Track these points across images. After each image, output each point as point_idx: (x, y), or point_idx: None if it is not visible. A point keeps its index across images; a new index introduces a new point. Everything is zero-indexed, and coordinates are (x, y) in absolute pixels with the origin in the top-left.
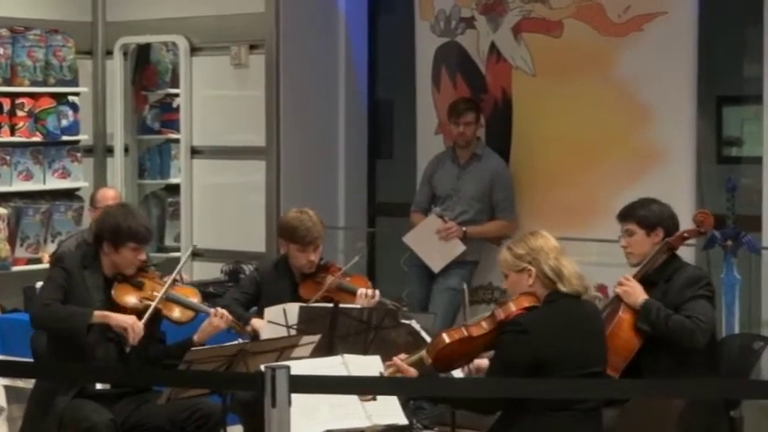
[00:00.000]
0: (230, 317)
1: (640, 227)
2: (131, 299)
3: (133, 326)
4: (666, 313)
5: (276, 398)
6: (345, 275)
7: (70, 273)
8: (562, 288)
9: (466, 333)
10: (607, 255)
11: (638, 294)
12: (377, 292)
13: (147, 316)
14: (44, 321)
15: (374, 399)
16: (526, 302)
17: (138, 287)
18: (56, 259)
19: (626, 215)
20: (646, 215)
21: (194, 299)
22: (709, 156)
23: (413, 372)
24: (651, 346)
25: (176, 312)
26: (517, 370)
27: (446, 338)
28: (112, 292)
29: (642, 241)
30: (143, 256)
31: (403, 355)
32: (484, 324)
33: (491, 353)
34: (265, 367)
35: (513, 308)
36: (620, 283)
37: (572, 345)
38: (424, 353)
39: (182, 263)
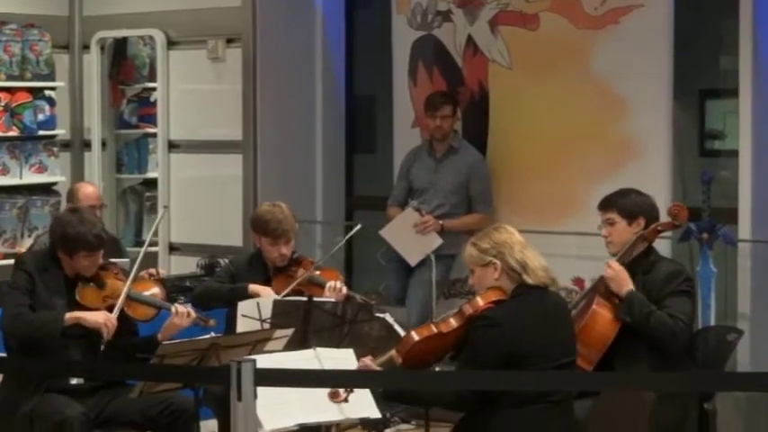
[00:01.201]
0: (193, 314)
1: (622, 216)
2: (95, 300)
3: (106, 322)
4: (649, 309)
5: (242, 391)
6: (317, 268)
7: (32, 275)
8: (528, 280)
9: (435, 330)
10: (584, 248)
11: (625, 283)
12: (344, 286)
13: (114, 314)
14: (17, 332)
15: (346, 401)
16: (493, 296)
17: (101, 287)
18: (17, 262)
19: (607, 204)
20: (627, 204)
21: (157, 295)
22: (686, 148)
23: None
24: (625, 339)
25: (139, 311)
26: (490, 364)
27: (415, 337)
28: (76, 293)
29: (623, 230)
30: (99, 261)
31: (372, 357)
32: (453, 320)
33: None
34: (231, 361)
35: (480, 302)
36: (609, 266)
37: (543, 336)
38: (393, 352)
39: (141, 255)
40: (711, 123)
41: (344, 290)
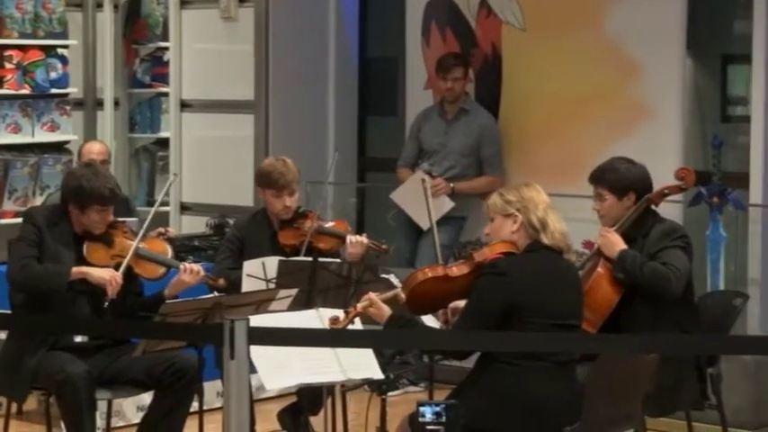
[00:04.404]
0: (202, 272)
1: (611, 192)
2: (103, 256)
3: (111, 280)
4: (641, 260)
5: (235, 349)
6: (326, 220)
7: (40, 228)
8: (544, 239)
9: (442, 272)
10: (594, 211)
11: (617, 245)
12: (364, 236)
13: (121, 271)
14: (23, 283)
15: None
16: (504, 248)
17: (109, 244)
18: (25, 216)
19: (597, 179)
20: (616, 179)
21: (165, 254)
22: (706, 114)
23: (386, 309)
24: (630, 302)
25: (148, 268)
26: (491, 312)
27: (420, 276)
28: (84, 249)
29: (614, 205)
30: (110, 217)
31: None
32: (462, 266)
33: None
34: (225, 319)
35: (489, 252)
36: (601, 235)
37: (548, 293)
38: (398, 290)
39: (150, 216)
40: (733, 89)
41: (365, 239)
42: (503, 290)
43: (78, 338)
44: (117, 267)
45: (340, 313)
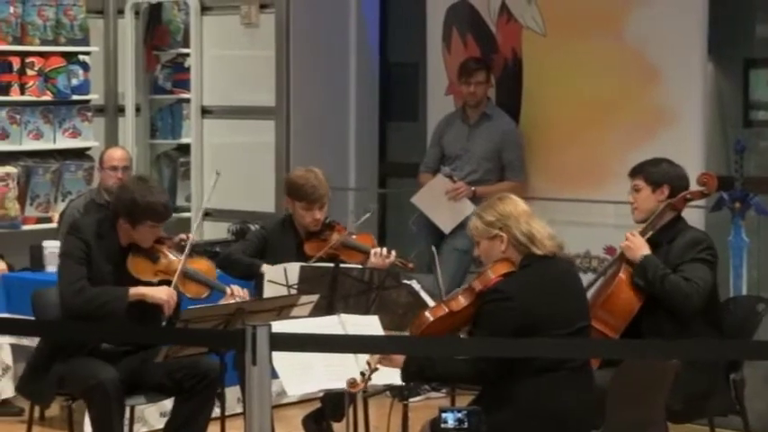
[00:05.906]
0: (247, 297)
1: (647, 183)
2: (146, 272)
3: (169, 300)
4: (664, 272)
5: (256, 355)
6: (351, 233)
7: (88, 243)
8: (536, 251)
9: (447, 309)
10: (616, 216)
11: (640, 249)
12: (393, 252)
13: (172, 287)
14: (81, 308)
15: (365, 390)
16: (503, 269)
17: (154, 261)
18: (71, 229)
19: (635, 171)
20: (653, 172)
21: (210, 274)
22: (728, 118)
23: (399, 358)
24: (652, 307)
25: (193, 289)
26: (504, 336)
27: (428, 317)
28: (127, 263)
29: (647, 198)
30: (160, 233)
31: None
32: (462, 298)
33: None
34: (246, 325)
35: (491, 276)
36: (626, 238)
37: (555, 304)
38: (407, 334)
39: (192, 231)
40: (755, 93)
41: (393, 256)
42: (511, 315)
43: (104, 344)
44: (162, 284)
45: (357, 375)
